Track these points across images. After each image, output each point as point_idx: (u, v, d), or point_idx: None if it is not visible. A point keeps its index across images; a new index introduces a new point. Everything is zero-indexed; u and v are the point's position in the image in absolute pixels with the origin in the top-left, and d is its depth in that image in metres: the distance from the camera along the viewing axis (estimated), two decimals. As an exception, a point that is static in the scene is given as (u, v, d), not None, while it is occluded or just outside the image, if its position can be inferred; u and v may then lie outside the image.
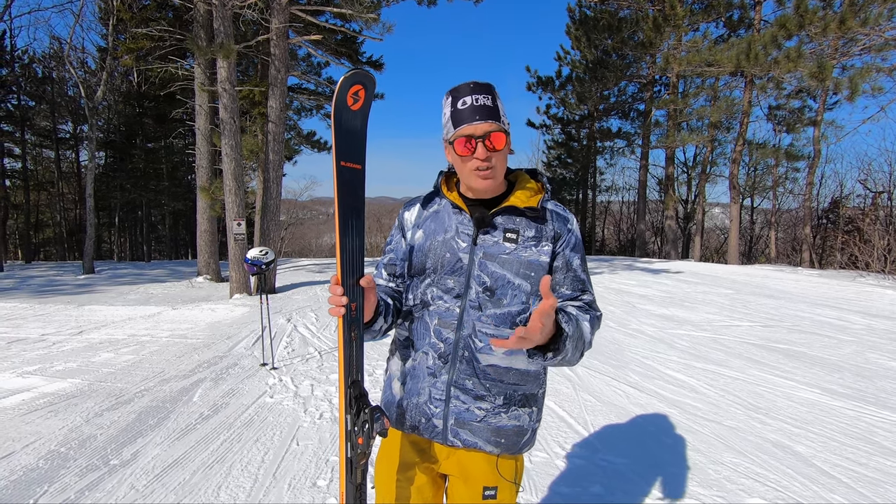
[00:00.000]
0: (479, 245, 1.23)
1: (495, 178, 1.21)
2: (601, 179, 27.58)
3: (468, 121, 1.16)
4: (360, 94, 1.17)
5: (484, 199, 1.28)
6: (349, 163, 1.18)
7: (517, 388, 1.25)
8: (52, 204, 27.62)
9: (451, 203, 1.28)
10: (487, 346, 1.21)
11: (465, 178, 1.24)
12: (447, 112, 1.21)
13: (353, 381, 1.14)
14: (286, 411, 3.66)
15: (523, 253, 1.22)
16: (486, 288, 1.21)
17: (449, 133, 1.21)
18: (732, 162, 16.92)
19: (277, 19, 9.78)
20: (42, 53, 23.86)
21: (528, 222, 1.25)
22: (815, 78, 12.03)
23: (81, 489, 2.57)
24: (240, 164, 9.98)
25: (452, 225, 1.26)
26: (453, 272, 1.23)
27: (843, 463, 2.83)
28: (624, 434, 3.26)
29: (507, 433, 1.24)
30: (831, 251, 17.99)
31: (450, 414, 1.23)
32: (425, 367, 1.25)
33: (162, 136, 23.92)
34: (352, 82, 1.15)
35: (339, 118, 1.17)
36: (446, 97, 1.22)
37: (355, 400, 1.12)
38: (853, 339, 5.74)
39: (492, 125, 1.17)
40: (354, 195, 1.19)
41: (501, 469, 1.27)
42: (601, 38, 19.49)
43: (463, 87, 1.20)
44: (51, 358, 5.20)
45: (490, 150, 1.17)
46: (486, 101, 1.18)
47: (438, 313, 1.24)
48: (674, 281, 10.92)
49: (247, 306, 8.47)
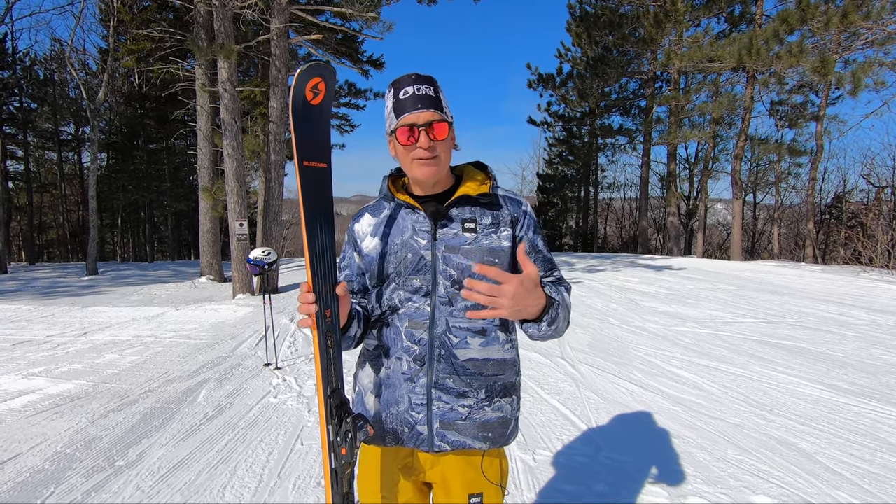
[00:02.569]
0: (440, 239, 1.20)
1: (439, 167, 1.19)
2: (603, 176, 27.55)
3: (410, 110, 1.15)
4: (321, 88, 1.10)
5: (434, 195, 1.26)
6: (313, 162, 1.12)
7: (497, 378, 1.24)
8: (55, 206, 27.72)
9: (403, 203, 1.25)
10: (464, 340, 1.20)
11: (408, 169, 1.21)
12: (389, 104, 1.19)
13: (332, 390, 1.10)
14: (290, 411, 3.67)
15: (484, 241, 1.21)
16: (453, 281, 1.19)
17: (392, 124, 1.18)
18: (735, 158, 16.87)
19: (278, 19, 9.78)
20: (43, 56, 23.92)
21: (483, 210, 1.24)
22: (818, 73, 11.98)
23: (88, 490, 2.58)
24: (241, 164, 9.99)
25: (408, 225, 1.23)
26: (418, 271, 1.20)
27: (848, 460, 2.82)
28: (628, 432, 3.26)
29: (493, 426, 1.24)
30: (835, 246, 17.92)
31: (433, 417, 1.20)
32: (401, 374, 1.22)
33: (164, 137, 23.98)
34: (309, 76, 1.08)
35: (299, 115, 1.10)
36: (388, 89, 1.20)
37: (336, 409, 1.07)
38: (857, 334, 5.72)
39: (434, 114, 1.15)
40: (321, 196, 1.13)
41: (487, 472, 1.25)
42: (602, 35, 19.43)
43: (404, 78, 1.18)
44: (56, 359, 5.22)
45: (433, 140, 1.14)
46: (427, 91, 1.16)
47: (409, 315, 1.21)
48: (677, 278, 10.90)
49: (250, 306, 8.49)
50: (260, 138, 12.14)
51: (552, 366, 4.71)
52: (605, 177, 27.71)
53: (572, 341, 5.62)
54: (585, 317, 6.96)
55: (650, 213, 23.93)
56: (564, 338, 5.78)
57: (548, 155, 28.28)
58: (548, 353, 5.12)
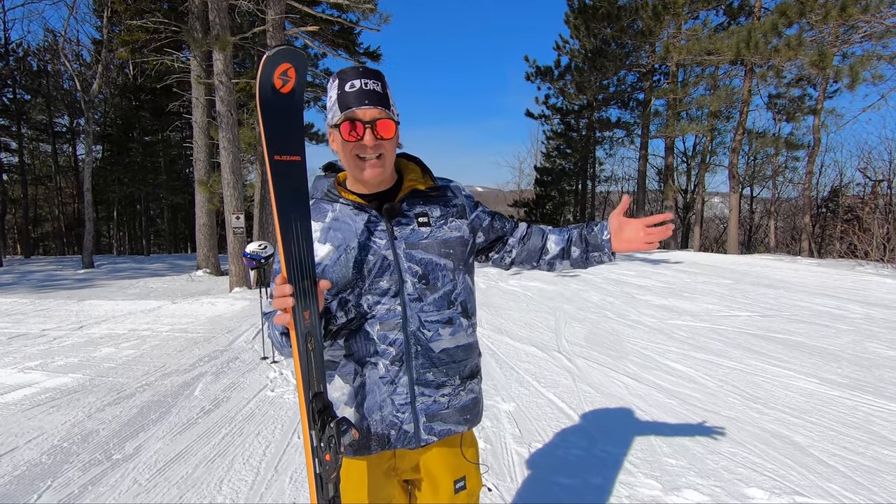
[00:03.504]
0: (399, 237, 1.19)
1: (384, 168, 1.16)
2: (601, 170, 27.53)
3: (355, 105, 1.10)
4: (291, 74, 1.02)
5: (379, 193, 1.23)
6: (285, 155, 1.05)
7: (466, 363, 1.28)
8: (50, 198, 27.58)
9: (351, 204, 1.21)
10: (436, 333, 1.21)
11: (350, 167, 1.17)
12: (333, 95, 1.14)
13: (314, 394, 1.05)
14: (287, 405, 3.68)
15: (438, 233, 1.22)
16: (420, 277, 1.19)
17: (335, 117, 1.13)
18: (732, 151, 16.86)
19: (273, 10, 9.69)
20: (37, 46, 23.71)
21: (431, 202, 1.25)
22: (816, 66, 11.95)
23: (85, 484, 2.59)
24: (237, 157, 9.95)
25: (360, 226, 1.19)
26: (383, 272, 1.17)
27: (841, 452, 2.85)
28: (623, 425, 3.28)
29: (469, 408, 1.29)
30: (830, 240, 17.99)
31: (419, 413, 1.21)
32: (378, 379, 1.19)
33: (159, 130, 23.81)
34: (277, 61, 0.99)
35: (267, 106, 1.02)
36: (333, 79, 1.15)
37: (319, 414, 1.03)
38: (852, 328, 5.76)
39: (381, 112, 1.11)
40: (296, 192, 1.06)
41: (467, 454, 1.31)
42: (600, 27, 19.33)
43: (351, 70, 1.14)
44: (52, 353, 5.21)
45: (378, 138, 1.11)
46: (375, 87, 1.12)
47: (379, 318, 1.18)
48: (673, 271, 10.94)
49: (247, 300, 8.49)
50: (256, 130, 12.07)
51: (548, 359, 4.73)
52: (602, 170, 27.71)
53: (569, 335, 5.64)
54: (582, 310, 6.98)
55: (648, 207, 23.96)
56: (561, 331, 5.80)
57: (545, 148, 28.22)
58: (544, 347, 5.14)
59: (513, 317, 6.64)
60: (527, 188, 31.71)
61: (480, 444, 2.92)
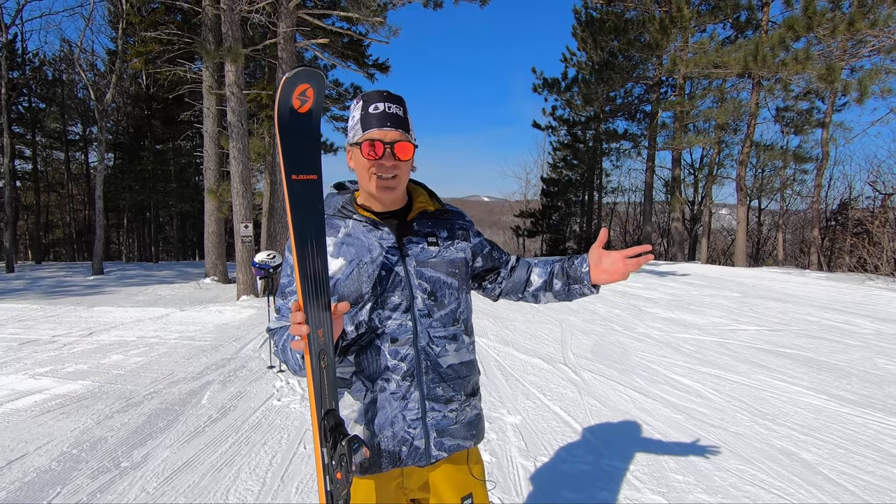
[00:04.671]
0: (409, 255, 1.24)
1: (398, 189, 1.22)
2: (607, 181, 27.47)
3: (378, 125, 1.16)
4: (309, 95, 1.04)
5: (391, 212, 1.29)
6: (302, 175, 1.06)
7: (469, 379, 1.32)
8: (62, 205, 27.93)
9: (364, 220, 1.25)
10: (443, 349, 1.25)
11: (366, 184, 1.22)
12: (356, 115, 1.20)
13: (326, 411, 1.06)
14: (293, 414, 3.70)
15: (445, 253, 1.28)
16: (429, 293, 1.24)
17: (356, 136, 1.19)
18: (740, 164, 16.82)
19: (285, 23, 9.86)
20: (53, 56, 24.21)
21: (440, 224, 1.31)
22: (824, 80, 11.96)
23: (93, 491, 2.61)
24: (247, 166, 10.06)
25: (374, 243, 1.22)
26: (395, 288, 1.21)
27: (850, 471, 2.82)
28: (629, 439, 3.26)
29: (474, 423, 1.32)
30: (840, 254, 17.83)
31: (430, 429, 1.23)
32: (390, 395, 1.21)
33: (170, 138, 24.11)
34: (295, 82, 1.01)
35: (286, 126, 1.03)
36: (357, 101, 1.22)
37: (330, 432, 1.04)
38: (861, 343, 5.70)
39: (401, 135, 1.17)
40: (312, 211, 1.07)
41: (474, 471, 1.32)
42: (607, 40, 19.43)
43: (375, 93, 1.20)
44: (62, 359, 5.27)
45: (395, 159, 1.17)
46: (397, 111, 1.19)
47: (391, 333, 1.20)
48: (680, 283, 10.88)
49: (254, 308, 8.53)
50: (266, 141, 12.21)
51: (554, 372, 4.72)
52: (609, 181, 27.64)
53: (575, 347, 5.63)
54: (588, 322, 6.96)
55: (654, 218, 23.88)
56: (567, 343, 5.79)
57: (552, 159, 28.28)
58: (550, 359, 5.13)
59: (518, 328, 6.63)
60: (533, 198, 31.68)
61: (486, 456, 2.92)
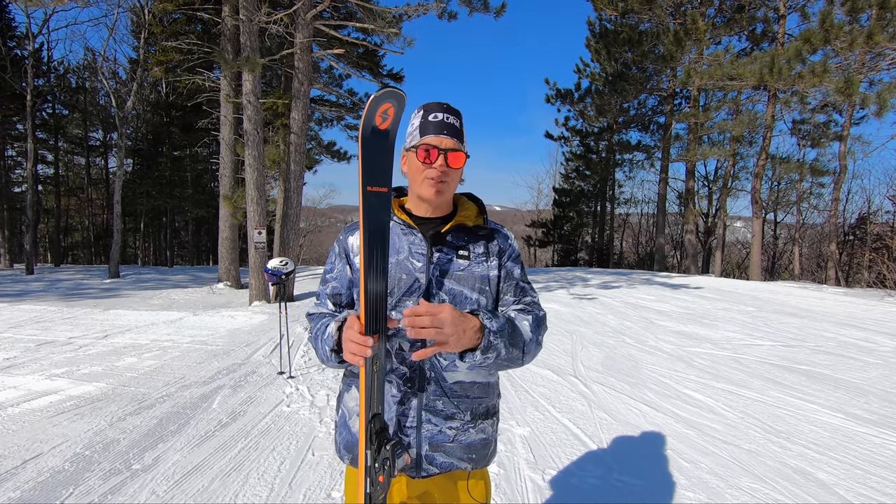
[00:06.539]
0: (435, 263, 1.24)
1: (446, 193, 1.25)
2: (620, 192, 27.36)
3: (435, 133, 1.22)
4: (390, 113, 1.11)
5: (432, 218, 1.30)
6: (376, 187, 1.13)
7: (481, 401, 1.28)
8: (81, 209, 28.54)
9: (401, 222, 1.29)
10: (452, 363, 1.24)
11: (417, 186, 1.26)
12: (416, 122, 1.26)
13: (374, 415, 1.10)
14: (302, 421, 3.71)
15: (476, 268, 1.27)
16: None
17: (413, 141, 1.25)
18: (755, 176, 16.63)
19: (301, 34, 10.03)
20: (76, 64, 24.89)
21: (476, 240, 1.31)
22: (842, 93, 11.80)
23: (105, 493, 2.65)
24: (262, 173, 10.20)
25: (404, 245, 1.26)
26: (411, 293, 1.23)
27: (867, 492, 2.75)
28: (640, 454, 3.22)
29: (477, 447, 1.28)
30: (858, 269, 17.49)
31: (423, 440, 1.23)
32: (391, 397, 1.22)
33: (187, 145, 24.59)
34: (380, 101, 1.08)
35: (367, 140, 1.10)
36: (418, 110, 1.28)
37: (376, 435, 1.07)
38: (880, 361, 5.57)
39: (455, 143, 1.23)
40: (380, 222, 1.13)
41: (474, 492, 1.29)
42: (621, 52, 19.45)
43: (436, 104, 1.26)
44: (77, 361, 5.36)
45: (447, 166, 1.21)
46: (454, 122, 1.24)
47: (400, 337, 1.22)
48: (693, 296, 10.75)
49: (266, 314, 8.61)
50: (280, 149, 12.38)
51: (564, 384, 4.68)
52: (622, 192, 27.53)
53: (585, 359, 5.58)
54: (599, 334, 6.90)
55: (667, 230, 23.67)
56: (577, 355, 5.74)
57: (564, 169, 28.28)
58: (560, 371, 5.09)
59: (529, 339, 6.58)
60: (545, 208, 31.63)
61: (493, 468, 2.90)
